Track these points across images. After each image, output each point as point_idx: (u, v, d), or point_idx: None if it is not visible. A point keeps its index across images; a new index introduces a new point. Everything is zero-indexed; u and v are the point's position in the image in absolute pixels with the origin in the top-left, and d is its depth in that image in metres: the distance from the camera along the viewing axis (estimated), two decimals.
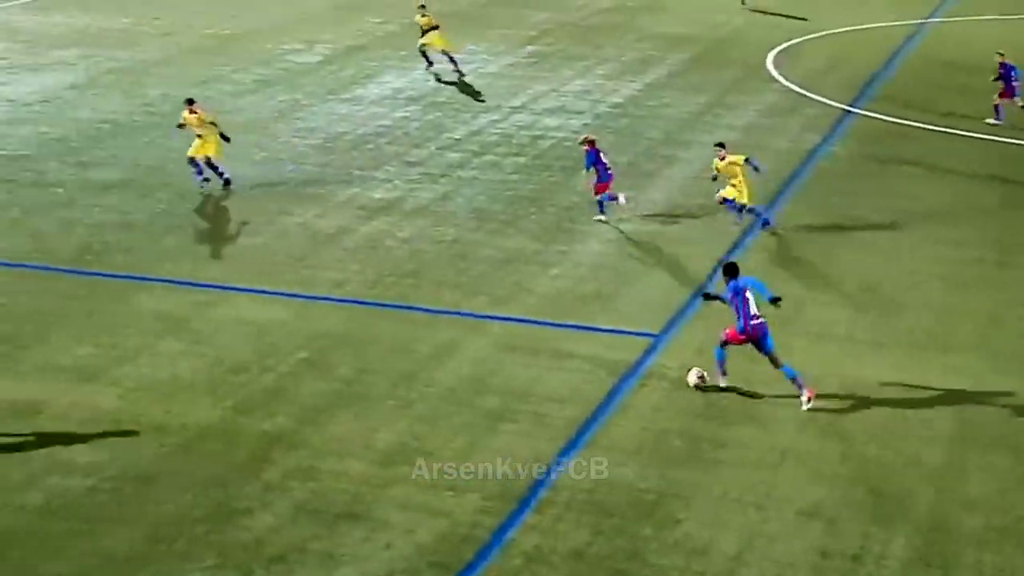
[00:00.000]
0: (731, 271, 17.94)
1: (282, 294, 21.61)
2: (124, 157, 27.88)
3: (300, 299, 21.40)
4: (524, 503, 15.28)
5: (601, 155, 24.97)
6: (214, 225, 25.00)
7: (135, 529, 14.74)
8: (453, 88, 36.57)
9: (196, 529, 14.74)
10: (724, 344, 17.85)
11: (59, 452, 16.38)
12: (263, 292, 21.69)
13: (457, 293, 21.70)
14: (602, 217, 25.15)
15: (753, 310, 17.49)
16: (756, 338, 17.53)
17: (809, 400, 17.49)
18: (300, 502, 15.32)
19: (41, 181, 27.72)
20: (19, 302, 21.30)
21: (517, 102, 34.95)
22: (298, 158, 29.56)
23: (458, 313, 20.66)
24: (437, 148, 30.27)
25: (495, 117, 33.38)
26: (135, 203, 26.40)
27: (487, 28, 45.11)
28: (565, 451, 16.47)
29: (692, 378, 18.07)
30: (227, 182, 26.90)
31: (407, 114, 33.60)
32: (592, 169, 24.99)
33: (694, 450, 16.60)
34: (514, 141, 31.18)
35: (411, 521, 14.92)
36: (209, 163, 26.84)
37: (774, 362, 17.64)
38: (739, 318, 17.54)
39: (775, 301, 18.00)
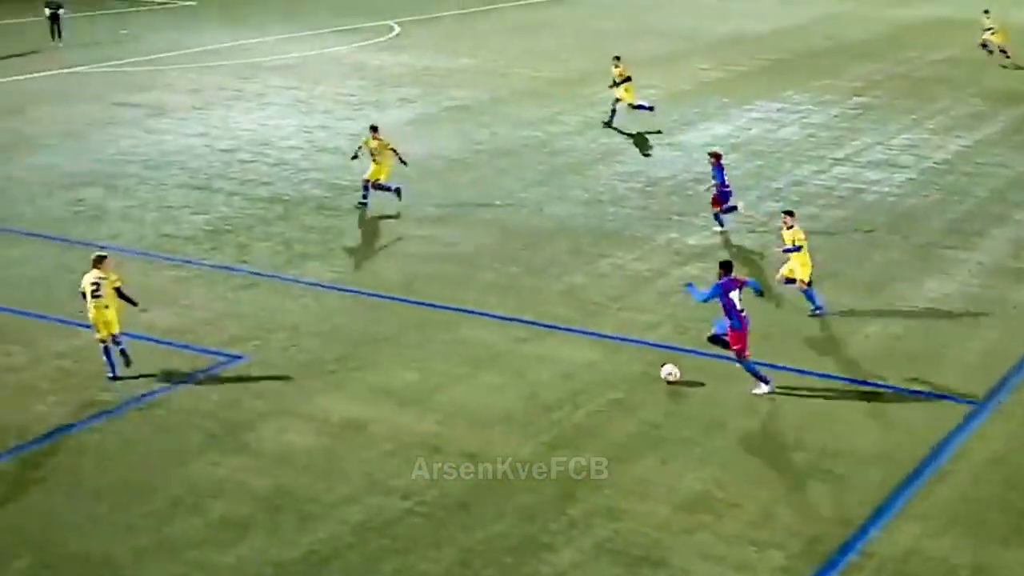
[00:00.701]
0: (726, 268, 19.43)
1: (596, 334, 22.00)
2: (450, 192, 29.08)
3: (613, 340, 21.75)
4: (830, 566, 14.96)
5: (724, 172, 27.11)
6: (534, 262, 25.70)
7: (447, 553, 15.31)
8: (776, 137, 36.36)
9: (505, 559, 15.17)
10: (741, 354, 19.19)
11: (380, 472, 17.23)
12: (578, 331, 22.16)
13: (770, 345, 21.51)
14: (719, 229, 27.29)
15: (739, 305, 19.09)
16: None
17: (761, 393, 19.24)
18: (602, 541, 15.53)
19: (373, 212, 29.30)
20: (353, 325, 22.55)
21: (840, 154, 34.41)
22: (618, 200, 30.08)
23: (771, 365, 20.49)
24: (756, 197, 30.10)
25: (817, 168, 32.95)
26: (460, 236, 27.53)
27: (812, 78, 44.65)
28: (876, 515, 16.06)
29: (663, 373, 19.85)
30: (398, 192, 29.10)
31: (728, 161, 33.47)
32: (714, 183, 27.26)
33: (1016, 526, 15.83)
34: (835, 193, 30.69)
35: (712, 572, 14.87)
36: (377, 185, 29.07)
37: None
38: (732, 318, 19.04)
39: (760, 293, 20.15)
